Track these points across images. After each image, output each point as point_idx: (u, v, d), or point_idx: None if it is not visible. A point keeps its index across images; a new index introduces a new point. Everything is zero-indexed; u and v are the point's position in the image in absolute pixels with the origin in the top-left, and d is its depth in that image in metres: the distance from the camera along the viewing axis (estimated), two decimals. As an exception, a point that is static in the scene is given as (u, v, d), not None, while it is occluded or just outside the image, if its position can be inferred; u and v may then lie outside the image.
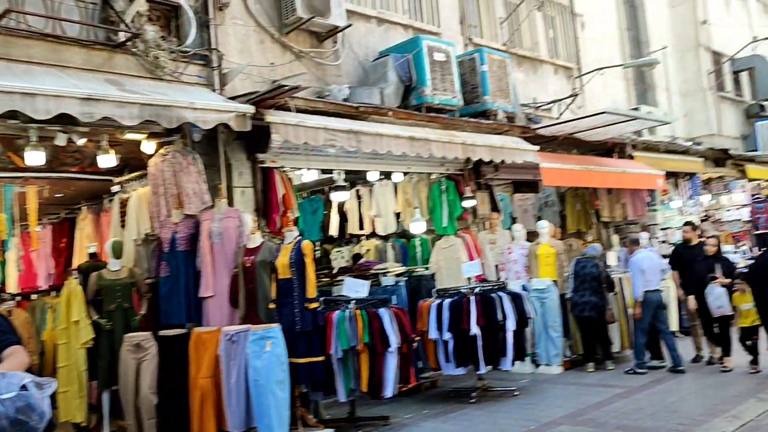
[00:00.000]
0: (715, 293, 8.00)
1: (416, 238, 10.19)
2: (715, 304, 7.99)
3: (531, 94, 11.34)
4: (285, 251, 6.03)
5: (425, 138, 7.79)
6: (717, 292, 7.99)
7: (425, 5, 9.94)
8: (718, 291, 8.00)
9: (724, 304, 7.94)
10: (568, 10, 12.62)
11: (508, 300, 6.87)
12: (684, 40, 16.05)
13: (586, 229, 12.26)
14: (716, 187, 15.44)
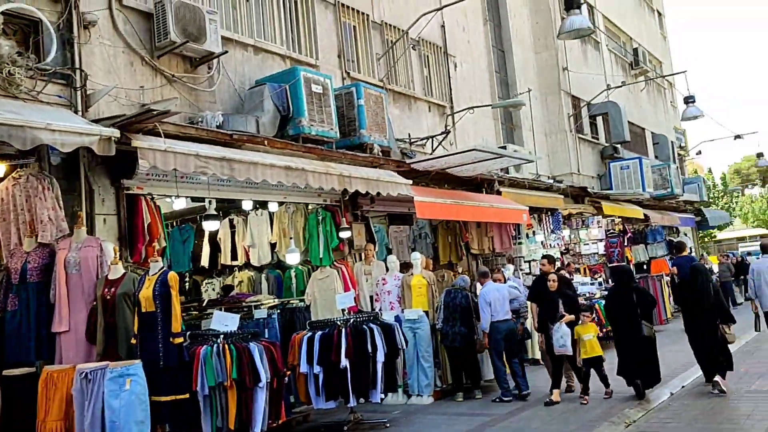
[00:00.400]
0: (560, 332, 8.25)
1: (291, 269, 10.08)
2: (559, 342, 8.26)
3: (406, 130, 11.66)
4: (149, 283, 5.74)
5: (302, 168, 7.76)
6: (562, 330, 8.25)
7: (303, 37, 10.00)
8: (563, 330, 8.25)
9: (566, 343, 8.22)
10: (441, 50, 13.17)
11: (378, 332, 6.90)
12: (547, 84, 17.22)
13: (456, 261, 12.69)
14: (575, 222, 16.52)
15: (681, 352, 11.10)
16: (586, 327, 8.39)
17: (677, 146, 27.00)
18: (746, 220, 45.60)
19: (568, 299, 8.57)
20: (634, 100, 22.04)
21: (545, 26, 17.02)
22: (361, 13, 11.17)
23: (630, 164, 17.79)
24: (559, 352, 8.33)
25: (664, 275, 17.57)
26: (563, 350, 8.27)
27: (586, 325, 8.41)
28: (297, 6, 10.07)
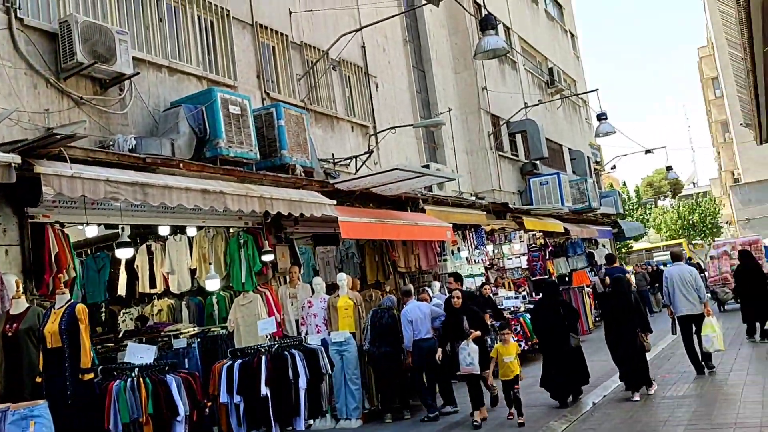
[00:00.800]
0: (467, 350, 7.90)
1: (213, 295, 9.80)
2: (466, 361, 7.89)
3: (330, 150, 11.61)
4: (55, 317, 5.43)
5: (220, 191, 7.55)
6: (469, 348, 7.90)
7: (221, 58, 9.83)
8: (471, 348, 7.90)
9: (474, 362, 7.86)
10: (363, 71, 13.23)
11: (300, 357, 6.73)
12: (467, 103, 17.58)
13: (384, 280, 12.66)
14: (498, 237, 16.83)
15: (602, 362, 11.43)
16: (508, 348, 8.14)
17: (593, 161, 28.09)
18: (659, 230, 47.82)
19: (473, 315, 8.37)
20: (551, 117, 22.81)
21: (464, 47, 17.41)
22: (280, 33, 11.09)
23: (549, 180, 18.32)
24: (465, 371, 8.00)
25: (585, 287, 18.15)
26: (470, 369, 7.92)
27: (508, 346, 8.17)
28: (213, 26, 9.89)
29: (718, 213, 46.97)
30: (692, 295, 9.54)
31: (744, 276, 12.21)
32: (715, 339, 9.27)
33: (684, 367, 10.16)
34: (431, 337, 8.75)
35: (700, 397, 7.96)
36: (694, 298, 9.54)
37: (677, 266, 10.03)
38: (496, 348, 8.23)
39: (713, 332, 9.28)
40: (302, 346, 7.00)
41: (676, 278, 9.69)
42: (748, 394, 7.68)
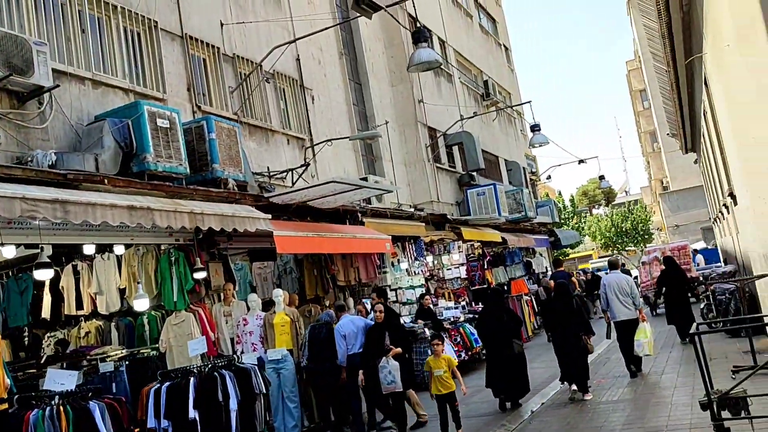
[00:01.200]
0: (388, 367, 7.60)
1: (144, 315, 9.44)
2: (387, 379, 7.63)
3: (264, 163, 11.42)
4: (-36, 344, 5.07)
5: (147, 207, 7.27)
6: (390, 366, 7.60)
7: (149, 70, 9.53)
8: (391, 365, 7.60)
9: (396, 379, 7.60)
10: (298, 83, 13.11)
11: (230, 378, 6.48)
12: (404, 116, 17.67)
13: (323, 294, 12.51)
14: (437, 248, 16.92)
15: (541, 369, 11.60)
16: (437, 361, 7.79)
17: (529, 172, 28.70)
18: (594, 238, 49.19)
19: (395, 331, 8.11)
20: (487, 129, 23.17)
21: (399, 60, 17.51)
22: (211, 45, 10.86)
23: (485, 190, 18.56)
24: (387, 390, 7.67)
25: (523, 295, 18.44)
26: (392, 387, 7.61)
27: (438, 359, 7.81)
28: (140, 38, 9.60)
29: (649, 220, 48.69)
30: (628, 302, 10.00)
31: (668, 282, 12.66)
32: (646, 344, 9.61)
33: (618, 372, 10.39)
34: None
35: (634, 401, 8.13)
36: (630, 304, 10.00)
37: (614, 274, 10.48)
38: (427, 361, 7.84)
39: (645, 338, 9.64)
40: (234, 366, 6.77)
41: (614, 285, 10.12)
42: (679, 397, 7.88)
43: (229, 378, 6.34)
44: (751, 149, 7.14)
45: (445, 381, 7.62)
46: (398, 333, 8.10)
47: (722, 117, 9.92)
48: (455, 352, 12.62)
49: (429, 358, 7.88)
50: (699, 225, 40.61)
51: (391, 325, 8.17)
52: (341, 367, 8.66)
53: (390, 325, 8.17)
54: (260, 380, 6.75)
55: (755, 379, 7.29)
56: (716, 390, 5.75)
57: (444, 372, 7.65)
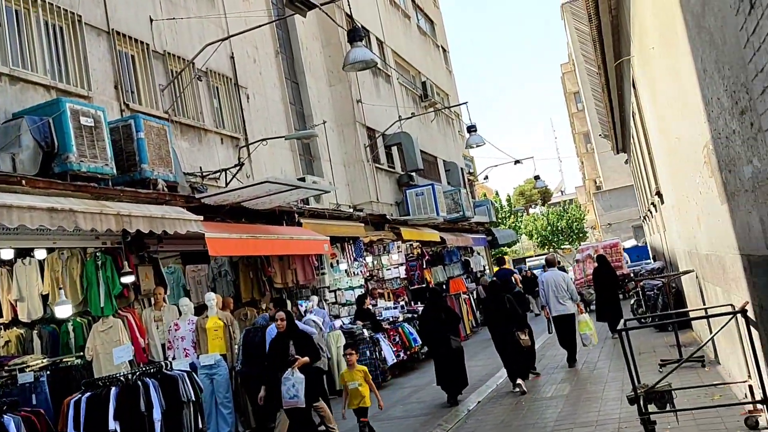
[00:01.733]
0: (291, 380, 6.71)
1: (69, 322, 9.03)
2: (289, 393, 6.79)
3: (197, 163, 11.13)
4: None
5: (69, 209, 6.94)
6: (294, 378, 6.71)
7: (72, 66, 9.13)
8: (296, 377, 6.70)
9: (299, 393, 6.74)
10: (232, 81, 12.84)
11: (154, 387, 6.21)
12: (342, 115, 17.57)
13: (260, 297, 12.29)
14: (377, 248, 16.90)
15: (478, 367, 11.71)
16: (352, 373, 7.23)
17: (467, 172, 29.05)
18: (531, 237, 50.27)
19: (300, 340, 7.26)
20: (425, 130, 23.31)
21: (337, 59, 17.37)
22: (141, 42, 10.50)
23: (424, 191, 18.66)
24: (288, 405, 6.87)
25: (462, 293, 18.62)
26: (294, 402, 6.80)
27: (352, 371, 7.25)
28: (63, 33, 9.19)
29: (583, 219, 50.10)
30: (565, 298, 10.48)
31: (599, 280, 13.11)
32: (592, 336, 10.21)
33: (552, 369, 10.58)
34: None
35: (566, 397, 8.27)
36: (567, 300, 10.48)
37: (551, 271, 10.90)
38: (341, 374, 7.26)
39: (590, 330, 10.22)
40: (160, 374, 6.52)
41: (551, 282, 10.60)
42: (609, 392, 8.06)
43: (153, 387, 6.10)
44: (675, 149, 7.37)
45: (360, 394, 7.14)
46: (303, 342, 7.33)
47: (649, 118, 10.23)
48: (394, 352, 12.62)
49: (344, 371, 7.30)
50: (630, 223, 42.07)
51: (295, 335, 7.37)
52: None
53: (294, 334, 7.39)
54: (189, 387, 6.54)
55: (681, 371, 7.54)
56: (643, 384, 5.89)
57: (360, 385, 7.17)
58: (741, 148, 3.78)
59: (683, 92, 5.51)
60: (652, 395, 5.60)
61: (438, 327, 9.57)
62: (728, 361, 7.16)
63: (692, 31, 4.45)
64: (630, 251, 24.54)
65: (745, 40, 2.96)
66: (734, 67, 3.46)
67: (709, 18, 3.80)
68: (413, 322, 14.00)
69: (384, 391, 11.35)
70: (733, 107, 3.71)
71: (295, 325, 7.47)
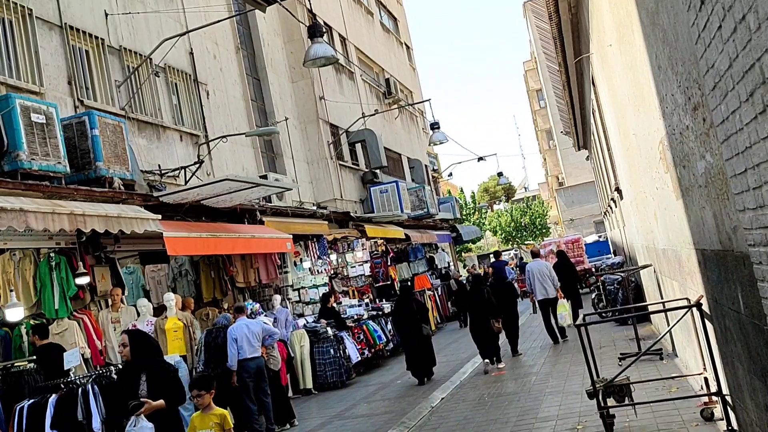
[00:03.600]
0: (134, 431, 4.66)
1: (22, 324, 8.76)
2: None
3: (155, 161, 10.90)
4: None
5: (20, 209, 6.72)
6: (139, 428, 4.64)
7: (22, 61, 8.85)
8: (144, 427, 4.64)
9: None
10: (191, 78, 12.61)
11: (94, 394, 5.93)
12: (305, 112, 17.42)
13: (222, 296, 12.13)
14: (341, 246, 16.82)
15: (442, 363, 11.72)
16: (204, 418, 5.03)
17: (431, 169, 29.12)
18: (495, 233, 50.70)
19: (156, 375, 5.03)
20: (389, 127, 23.29)
21: (299, 56, 17.18)
22: (95, 37, 10.23)
23: (388, 188, 18.63)
24: None
25: (426, 290, 18.66)
26: None
27: (205, 416, 5.04)
28: (13, 27, 8.89)
29: (546, 215, 50.70)
30: (547, 284, 12.22)
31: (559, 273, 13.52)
32: (567, 316, 11.61)
33: (514, 366, 10.67)
34: (258, 355, 8.42)
35: (528, 392, 8.33)
36: (549, 286, 12.22)
37: (536, 262, 12.83)
38: (191, 420, 5.14)
39: (565, 311, 11.72)
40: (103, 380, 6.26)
41: (536, 271, 12.40)
42: (571, 385, 8.14)
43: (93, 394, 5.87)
44: (632, 145, 7.47)
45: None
46: (160, 377, 5.05)
47: (608, 115, 10.36)
48: (358, 350, 12.57)
49: (194, 416, 5.15)
50: (592, 219, 42.72)
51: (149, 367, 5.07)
52: (232, 371, 8.35)
53: (148, 365, 5.07)
54: None
55: (640, 365, 7.66)
56: (602, 378, 5.95)
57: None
58: (694, 143, 3.83)
59: (639, 89, 5.57)
60: (610, 389, 5.67)
61: (410, 317, 10.87)
62: (685, 353, 7.29)
63: (647, 28, 4.49)
64: (591, 246, 24.91)
65: (696, 35, 2.98)
66: (687, 63, 3.50)
67: (663, 15, 3.83)
68: (378, 319, 13.99)
69: (349, 389, 11.32)
70: (687, 103, 3.75)
71: (150, 352, 5.15)
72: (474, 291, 11.19)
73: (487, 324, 10.53)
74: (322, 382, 11.67)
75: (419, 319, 10.90)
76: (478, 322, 10.70)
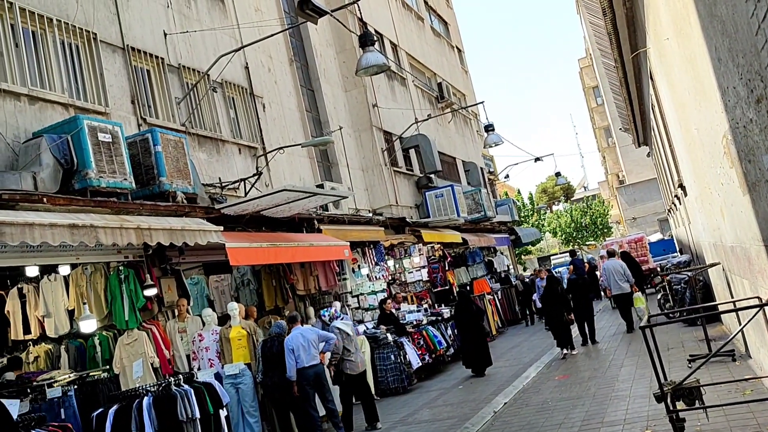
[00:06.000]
0: None
1: (95, 336, 9.14)
2: None
3: (216, 174, 11.21)
4: None
5: (90, 225, 7.03)
6: None
7: (89, 83, 9.25)
8: None
9: None
10: (247, 91, 12.91)
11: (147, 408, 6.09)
12: (359, 121, 17.58)
13: (283, 304, 12.33)
14: (398, 252, 16.86)
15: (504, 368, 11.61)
16: None
17: (487, 171, 28.87)
18: (555, 234, 49.80)
19: None
20: (443, 131, 23.24)
21: (352, 65, 17.40)
22: (155, 56, 10.61)
23: (443, 192, 18.58)
24: None
25: (485, 294, 18.49)
26: None
27: None
28: (80, 51, 9.31)
29: (607, 214, 49.50)
30: (622, 280, 13.39)
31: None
32: (644, 308, 12.27)
33: (578, 370, 10.46)
34: (317, 363, 8.50)
35: (594, 396, 8.15)
36: (624, 282, 13.40)
37: (611, 260, 13.98)
38: None
39: (642, 304, 12.70)
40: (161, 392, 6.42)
41: (611, 269, 13.64)
42: (637, 389, 7.93)
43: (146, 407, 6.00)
44: (695, 140, 7.24)
45: None
46: None
47: (668, 110, 10.07)
48: (419, 355, 12.56)
49: None
50: (656, 216, 41.46)
51: None
52: (291, 381, 8.44)
53: None
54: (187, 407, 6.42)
55: (710, 366, 7.40)
56: (670, 381, 5.78)
57: None
58: (759, 137, 3.70)
59: (699, 82, 5.40)
60: (680, 392, 5.49)
61: (471, 318, 12.36)
62: (759, 354, 7.00)
63: (705, 20, 4.36)
64: (656, 245, 24.20)
65: (756, 27, 2.89)
66: (748, 55, 3.38)
67: (721, 6, 3.72)
68: (437, 324, 13.95)
69: (411, 394, 11.32)
70: (749, 96, 3.62)
71: None
72: (549, 288, 12.94)
73: (562, 316, 12.29)
74: (384, 387, 11.71)
75: (477, 322, 12.36)
76: (554, 314, 12.45)
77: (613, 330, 14.46)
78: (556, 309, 12.44)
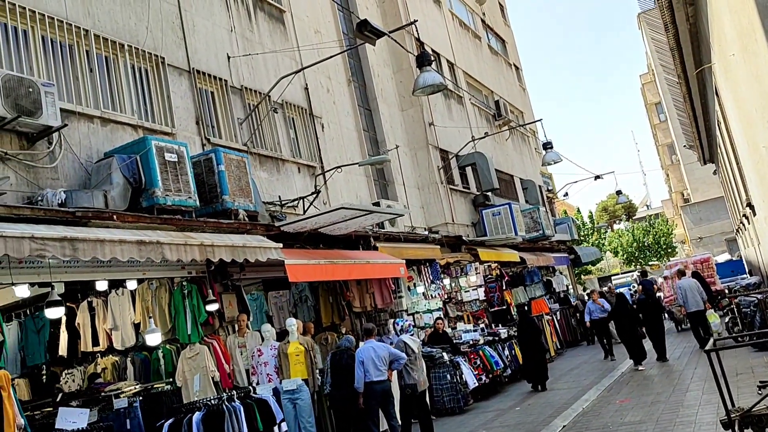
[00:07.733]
0: None
1: (159, 349, 9.45)
2: None
3: (276, 192, 11.46)
4: (-27, 386, 5.07)
5: (156, 241, 7.30)
6: None
7: (156, 105, 9.65)
8: None
9: None
10: (307, 112, 13.19)
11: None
12: (415, 139, 17.68)
13: (339, 321, 12.43)
14: (454, 270, 16.77)
15: (563, 390, 11.37)
16: None
17: (545, 189, 28.49)
18: (616, 254, 48.59)
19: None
20: (500, 149, 23.11)
21: (408, 84, 17.54)
22: (219, 78, 10.98)
23: (501, 210, 18.43)
24: None
25: (544, 314, 18.16)
26: None
27: None
28: (148, 74, 9.73)
29: (671, 233, 48.01)
30: (696, 298, 13.68)
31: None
32: (719, 323, 12.48)
33: (641, 394, 10.15)
34: (384, 379, 8.54)
35: (657, 421, 7.90)
36: (698, 299, 13.66)
37: (685, 279, 14.33)
38: None
39: (716, 320, 12.63)
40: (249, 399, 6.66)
41: (686, 287, 13.96)
42: (703, 415, 7.65)
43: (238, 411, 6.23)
44: (763, 158, 7.00)
45: None
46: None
47: (734, 127, 9.78)
48: (475, 375, 12.43)
49: None
50: (723, 236, 39.94)
51: None
52: (359, 393, 8.55)
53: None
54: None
55: (782, 394, 7.06)
56: (738, 407, 5.56)
57: None
58: (831, 155, 3.57)
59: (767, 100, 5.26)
60: (748, 419, 5.28)
61: (531, 337, 13.15)
62: (835, 382, 6.65)
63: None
64: (723, 266, 23.31)
65: (825, 42, 2.81)
66: (818, 71, 3.29)
67: (788, 21, 3.63)
68: (494, 344, 13.79)
69: (467, 415, 11.21)
70: (820, 113, 3.51)
71: None
72: (620, 305, 13.83)
73: (635, 331, 13.28)
74: (440, 407, 11.63)
75: (537, 339, 13.27)
76: (626, 330, 13.37)
77: (678, 352, 14.16)
78: (629, 323, 13.26)
